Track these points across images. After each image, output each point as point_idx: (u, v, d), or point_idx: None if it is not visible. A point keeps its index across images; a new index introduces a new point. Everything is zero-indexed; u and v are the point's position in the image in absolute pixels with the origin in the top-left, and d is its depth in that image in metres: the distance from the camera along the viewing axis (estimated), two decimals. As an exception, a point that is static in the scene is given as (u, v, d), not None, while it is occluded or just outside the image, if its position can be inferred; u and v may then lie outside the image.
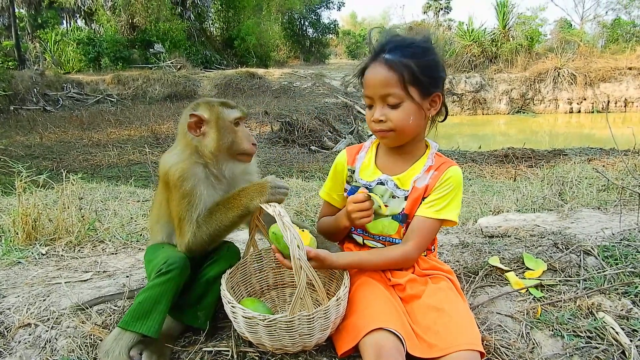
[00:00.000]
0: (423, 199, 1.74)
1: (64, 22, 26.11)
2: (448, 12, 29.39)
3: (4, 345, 1.77)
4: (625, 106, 17.76)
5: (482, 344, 1.54)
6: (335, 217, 1.86)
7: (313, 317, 1.47)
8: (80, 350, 1.70)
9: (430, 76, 1.67)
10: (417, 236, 1.71)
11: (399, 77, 1.63)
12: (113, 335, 1.61)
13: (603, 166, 6.65)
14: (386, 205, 1.75)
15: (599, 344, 1.65)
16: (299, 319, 1.46)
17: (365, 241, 1.85)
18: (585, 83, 17.90)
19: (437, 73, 1.71)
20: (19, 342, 1.79)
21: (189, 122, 1.73)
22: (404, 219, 1.75)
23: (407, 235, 1.74)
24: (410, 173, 1.77)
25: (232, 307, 1.54)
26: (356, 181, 1.84)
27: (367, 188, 1.79)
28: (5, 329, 1.86)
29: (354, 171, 1.86)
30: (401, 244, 1.74)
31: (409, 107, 1.66)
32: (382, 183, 1.78)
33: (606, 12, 25.13)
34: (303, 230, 1.67)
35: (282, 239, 1.54)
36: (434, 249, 1.91)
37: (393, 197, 1.77)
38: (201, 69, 20.57)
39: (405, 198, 1.75)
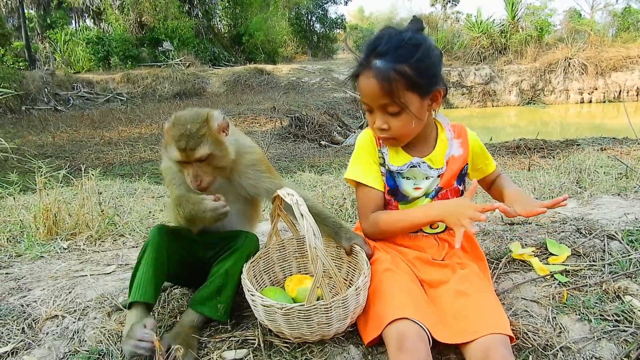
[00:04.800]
0: (466, 165, 1.84)
1: (73, 22, 26.26)
2: (456, 5, 29.01)
3: (32, 336, 1.79)
4: (637, 95, 17.49)
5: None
6: (406, 214, 1.77)
7: (330, 307, 1.47)
8: (108, 341, 1.72)
9: (428, 75, 1.60)
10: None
11: (394, 87, 1.56)
12: (126, 319, 1.65)
13: (618, 154, 6.59)
14: (419, 188, 1.78)
15: (626, 327, 1.64)
16: (316, 308, 1.47)
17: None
18: (596, 73, 17.65)
19: (434, 69, 1.64)
20: (47, 333, 1.80)
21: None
22: (438, 191, 1.78)
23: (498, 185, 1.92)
24: (439, 151, 1.79)
25: (252, 295, 1.55)
26: (388, 167, 1.78)
27: (399, 172, 1.77)
28: (33, 320, 1.88)
29: (383, 153, 1.80)
30: None
31: (410, 114, 1.62)
32: (414, 166, 1.77)
33: (616, 0, 24.76)
34: None
35: None
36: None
37: (426, 178, 1.78)
38: (210, 66, 20.61)
39: (439, 176, 1.77)
